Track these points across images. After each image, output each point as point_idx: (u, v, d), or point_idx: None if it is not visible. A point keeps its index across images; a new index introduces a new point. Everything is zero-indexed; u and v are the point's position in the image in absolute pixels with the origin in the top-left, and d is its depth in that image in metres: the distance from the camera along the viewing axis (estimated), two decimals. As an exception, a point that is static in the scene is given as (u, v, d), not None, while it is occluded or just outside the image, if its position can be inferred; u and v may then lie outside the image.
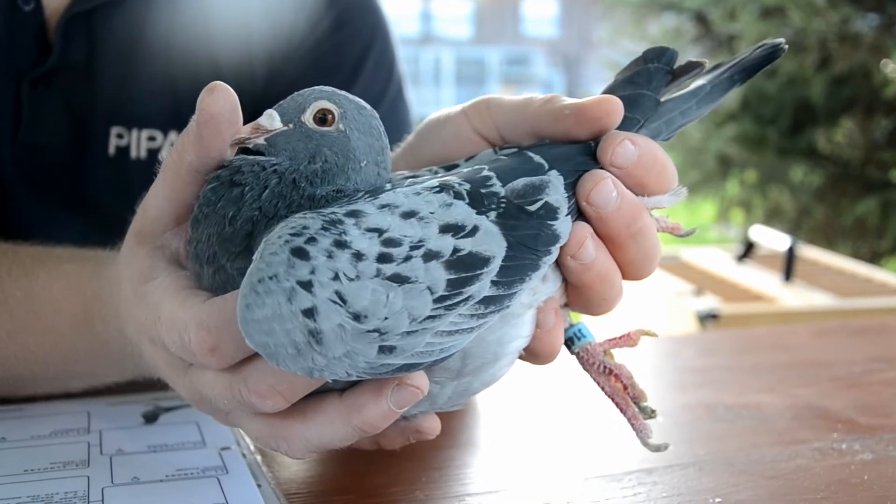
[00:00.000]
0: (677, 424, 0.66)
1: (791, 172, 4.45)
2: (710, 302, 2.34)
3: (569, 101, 0.50)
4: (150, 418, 0.62)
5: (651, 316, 2.48)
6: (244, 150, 0.47)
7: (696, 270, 2.77)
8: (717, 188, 4.65)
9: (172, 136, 0.81)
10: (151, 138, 0.81)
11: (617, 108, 0.48)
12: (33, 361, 0.61)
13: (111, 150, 0.80)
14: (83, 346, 0.59)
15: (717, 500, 0.53)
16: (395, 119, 0.84)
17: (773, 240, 2.72)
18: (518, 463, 0.59)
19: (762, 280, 2.59)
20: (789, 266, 2.54)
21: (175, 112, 0.81)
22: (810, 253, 2.94)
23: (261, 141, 0.46)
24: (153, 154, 0.80)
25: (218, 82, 0.45)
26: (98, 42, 0.79)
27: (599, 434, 0.64)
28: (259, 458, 0.57)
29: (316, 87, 0.47)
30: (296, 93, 0.47)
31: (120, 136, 0.80)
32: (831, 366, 0.80)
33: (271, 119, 0.46)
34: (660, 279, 2.60)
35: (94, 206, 0.81)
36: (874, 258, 4.15)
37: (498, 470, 0.58)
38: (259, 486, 0.53)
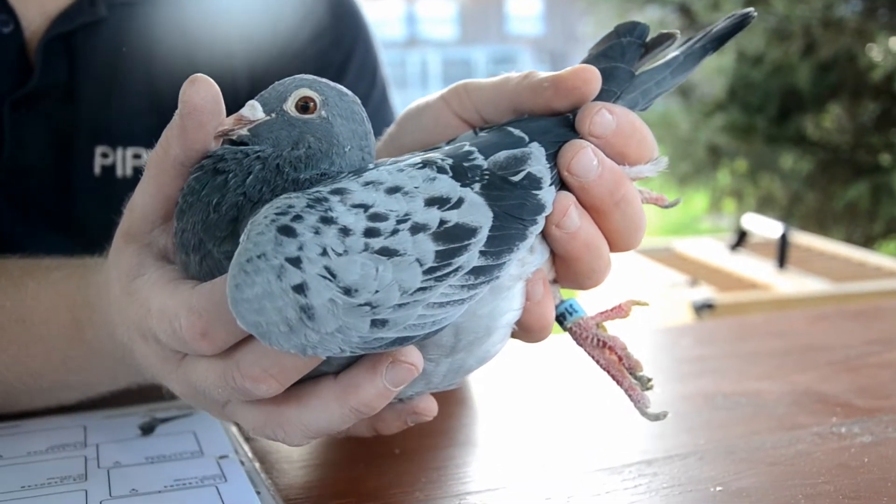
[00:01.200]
0: (676, 414, 0.66)
1: (781, 160, 4.46)
2: (704, 292, 2.34)
3: (546, 74, 0.50)
4: (147, 430, 0.62)
5: (646, 308, 2.47)
6: (229, 143, 0.47)
7: (690, 261, 2.77)
8: (708, 178, 4.66)
9: None
10: (137, 156, 0.80)
11: (594, 76, 0.49)
12: (25, 373, 0.61)
13: (97, 169, 0.79)
14: (74, 354, 0.59)
15: (719, 488, 0.53)
16: (379, 124, 0.83)
17: (765, 228, 2.72)
18: (517, 459, 0.59)
19: (756, 268, 2.59)
20: (783, 253, 2.55)
21: (159, 128, 0.80)
22: (803, 239, 2.95)
23: (244, 132, 0.46)
24: (139, 171, 0.80)
25: (199, 74, 0.45)
26: (79, 62, 0.79)
27: (598, 427, 0.64)
28: (257, 465, 0.56)
29: (297, 76, 0.47)
30: (277, 82, 0.47)
31: (105, 155, 0.79)
32: (828, 350, 0.80)
33: (253, 109, 0.46)
34: (654, 271, 2.61)
35: (81, 227, 0.80)
36: (867, 242, 4.16)
37: (497, 467, 0.58)
38: (258, 492, 0.52)
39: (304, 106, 0.46)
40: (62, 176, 0.79)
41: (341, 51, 0.86)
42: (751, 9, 0.52)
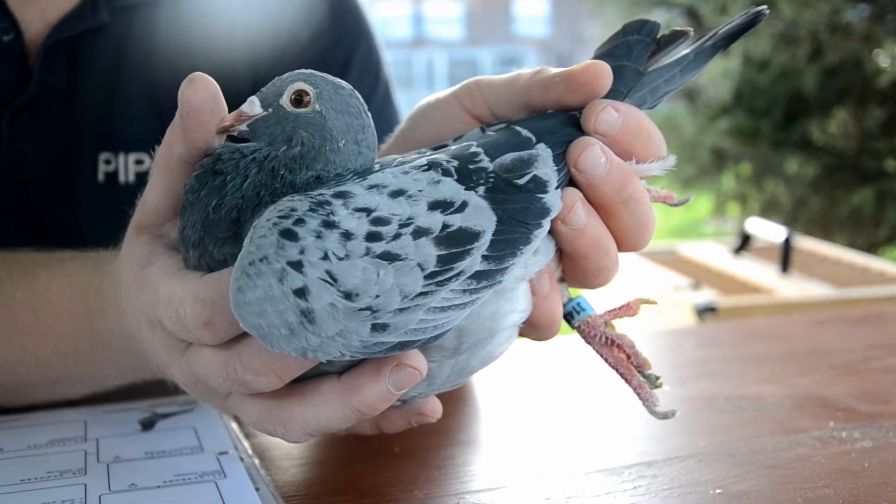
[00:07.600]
0: (677, 417, 0.65)
1: (786, 164, 4.46)
2: (707, 295, 2.34)
3: (557, 69, 0.50)
4: (147, 425, 0.62)
5: (649, 310, 2.47)
6: (231, 138, 0.47)
7: (694, 264, 2.77)
8: (713, 182, 4.65)
9: None
10: (139, 161, 0.79)
11: (605, 71, 0.49)
12: (34, 363, 0.61)
13: (100, 176, 0.79)
14: (83, 345, 0.59)
15: (718, 491, 0.53)
16: (383, 122, 0.83)
17: (769, 232, 2.72)
18: (518, 459, 0.59)
19: (759, 272, 2.59)
20: (786, 257, 2.55)
21: (160, 132, 0.79)
22: (807, 244, 2.95)
23: (243, 128, 0.46)
24: (141, 177, 0.79)
25: (197, 73, 0.46)
26: (80, 68, 0.77)
27: (598, 429, 0.63)
28: (257, 461, 0.56)
29: (295, 71, 0.47)
30: (276, 78, 0.47)
31: (108, 161, 0.79)
32: (830, 355, 0.80)
33: (252, 105, 0.46)
34: (657, 274, 2.61)
35: (84, 234, 0.79)
36: (871, 248, 4.15)
37: (498, 467, 0.58)
38: (257, 489, 0.52)
39: (298, 99, 0.46)
40: (65, 184, 0.78)
41: (343, 50, 0.86)
42: (763, 7, 0.52)
